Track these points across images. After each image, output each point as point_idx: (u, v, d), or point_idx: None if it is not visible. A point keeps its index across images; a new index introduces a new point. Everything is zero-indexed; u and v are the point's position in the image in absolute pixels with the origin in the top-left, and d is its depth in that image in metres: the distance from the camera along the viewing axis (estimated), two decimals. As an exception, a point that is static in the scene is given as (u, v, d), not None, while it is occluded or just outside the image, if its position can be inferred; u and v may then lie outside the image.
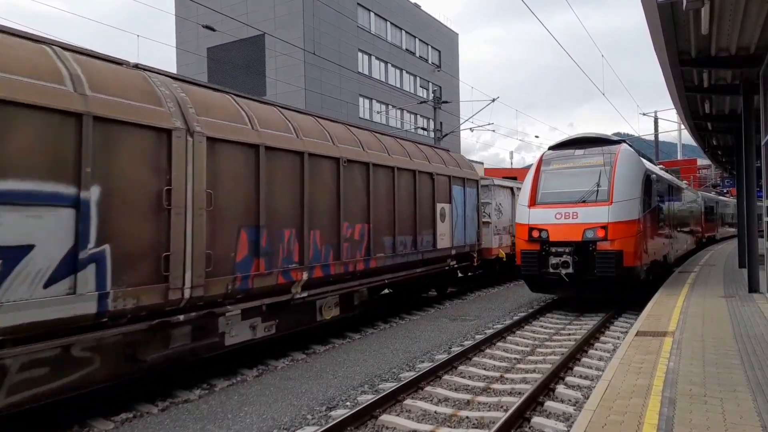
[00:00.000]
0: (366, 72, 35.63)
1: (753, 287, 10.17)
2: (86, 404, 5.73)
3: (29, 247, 4.57)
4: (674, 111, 15.61)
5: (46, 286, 4.68)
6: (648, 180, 11.47)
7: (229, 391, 6.39)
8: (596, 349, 8.13)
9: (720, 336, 6.71)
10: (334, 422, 5.00)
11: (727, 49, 8.65)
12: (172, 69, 38.30)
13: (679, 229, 16.56)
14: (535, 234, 10.93)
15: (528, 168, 15.58)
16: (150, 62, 6.58)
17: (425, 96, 37.53)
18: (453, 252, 12.44)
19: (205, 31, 22.31)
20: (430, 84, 41.04)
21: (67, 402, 5.62)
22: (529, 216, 11.18)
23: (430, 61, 42.29)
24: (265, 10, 32.03)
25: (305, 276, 7.63)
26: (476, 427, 5.15)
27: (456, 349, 8.08)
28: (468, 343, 8.38)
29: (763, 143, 9.33)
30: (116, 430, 5.29)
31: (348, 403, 5.90)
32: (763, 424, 3.89)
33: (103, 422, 5.47)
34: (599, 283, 10.40)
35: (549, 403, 5.66)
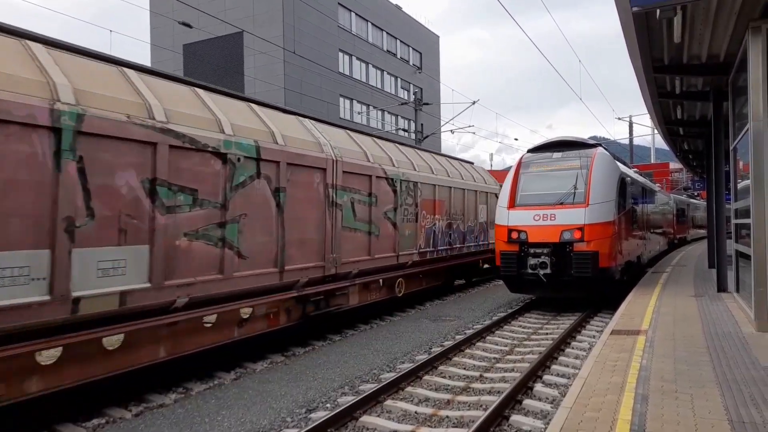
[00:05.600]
0: (347, 72, 35.58)
1: (721, 287, 10.50)
2: (54, 410, 5.59)
3: None
4: (648, 116, 16.02)
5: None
6: (623, 183, 11.75)
7: (205, 394, 6.31)
8: (573, 348, 8.29)
9: (690, 334, 6.92)
10: (314, 424, 4.99)
11: (698, 56, 8.92)
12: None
13: (652, 231, 16.99)
14: (514, 235, 11.10)
15: (508, 170, 15.80)
16: (124, 58, 6.46)
17: (406, 97, 37.67)
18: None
19: (181, 28, 21.98)
20: (411, 85, 41.21)
21: (33, 407, 5.47)
22: (508, 217, 11.35)
23: (411, 63, 42.46)
24: (243, 7, 31.68)
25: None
26: (456, 426, 5.21)
27: (436, 350, 8.14)
28: (448, 344, 8.46)
29: (731, 148, 9.64)
30: (90, 436, 5.16)
31: (328, 405, 5.90)
32: (729, 417, 4.04)
33: (72, 428, 5.33)
34: (576, 283, 10.61)
35: (527, 401, 5.77)
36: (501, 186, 13.49)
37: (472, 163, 16.94)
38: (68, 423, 5.43)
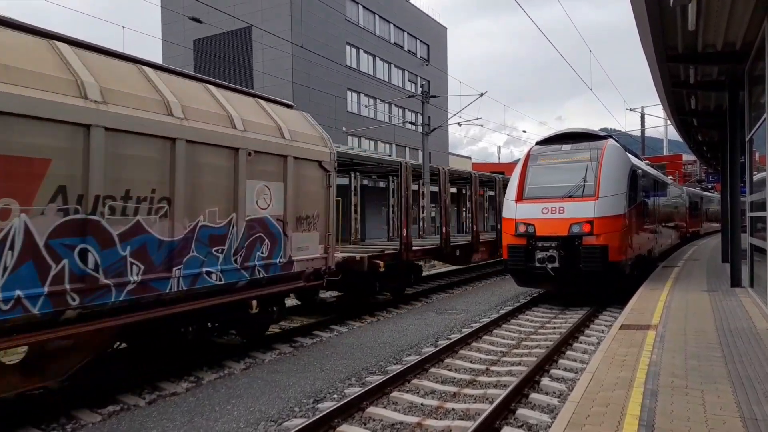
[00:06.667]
0: (354, 65, 35.46)
1: (735, 282, 10.33)
2: (71, 397, 5.67)
3: None
4: (661, 107, 15.78)
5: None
6: (634, 175, 11.59)
7: (216, 384, 6.37)
8: (581, 342, 8.22)
9: (702, 329, 6.82)
10: (322, 414, 5.01)
11: (713, 45, 8.73)
12: (158, 61, 37.80)
13: (663, 224, 16.77)
14: (522, 228, 11.00)
15: (516, 162, 15.65)
16: (135, 54, 6.45)
17: (413, 90, 37.48)
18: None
19: (192, 23, 21.98)
20: (419, 78, 40.99)
21: (52, 394, 5.55)
22: (516, 210, 11.25)
23: (418, 55, 42.22)
24: (252, 2, 31.66)
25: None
26: (462, 419, 5.19)
27: (443, 343, 8.12)
28: (455, 337, 8.43)
29: (747, 139, 9.46)
30: (103, 423, 5.24)
31: (335, 396, 5.92)
32: (742, 414, 3.97)
33: (89, 414, 5.43)
34: (585, 277, 10.51)
35: (534, 395, 5.73)
36: (331, 151, 8.41)
37: (291, 107, 8.67)
38: (84, 409, 5.53)
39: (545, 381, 6.23)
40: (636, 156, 14.70)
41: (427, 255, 13.87)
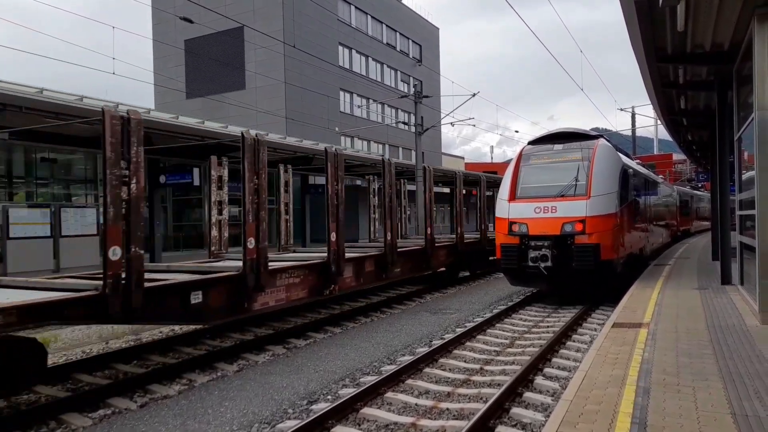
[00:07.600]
0: (347, 66, 35.44)
1: (725, 279, 10.43)
2: (61, 401, 5.61)
3: None
4: (651, 106, 15.87)
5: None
6: (625, 174, 11.66)
7: (209, 386, 6.33)
8: (574, 341, 8.26)
9: (693, 327, 6.88)
10: (316, 416, 4.99)
11: (702, 46, 8.80)
12: (149, 62, 37.47)
13: (655, 223, 16.90)
14: (515, 228, 11.04)
15: (508, 162, 15.69)
16: (126, 55, 6.41)
17: (406, 90, 37.50)
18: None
19: (183, 23, 21.84)
20: (411, 78, 41.06)
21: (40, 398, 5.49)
22: (509, 210, 11.29)
23: (411, 56, 42.28)
24: (244, 2, 31.55)
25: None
26: (456, 419, 5.19)
27: (437, 342, 8.12)
28: (449, 336, 8.44)
29: (735, 138, 9.55)
30: (94, 427, 5.19)
31: (329, 397, 5.90)
32: (732, 411, 4.01)
33: (79, 418, 5.37)
34: (577, 276, 10.57)
35: (528, 394, 5.75)
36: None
37: None
38: (74, 413, 5.47)
39: (539, 380, 6.26)
40: (627, 155, 14.81)
41: (47, 319, 5.20)
